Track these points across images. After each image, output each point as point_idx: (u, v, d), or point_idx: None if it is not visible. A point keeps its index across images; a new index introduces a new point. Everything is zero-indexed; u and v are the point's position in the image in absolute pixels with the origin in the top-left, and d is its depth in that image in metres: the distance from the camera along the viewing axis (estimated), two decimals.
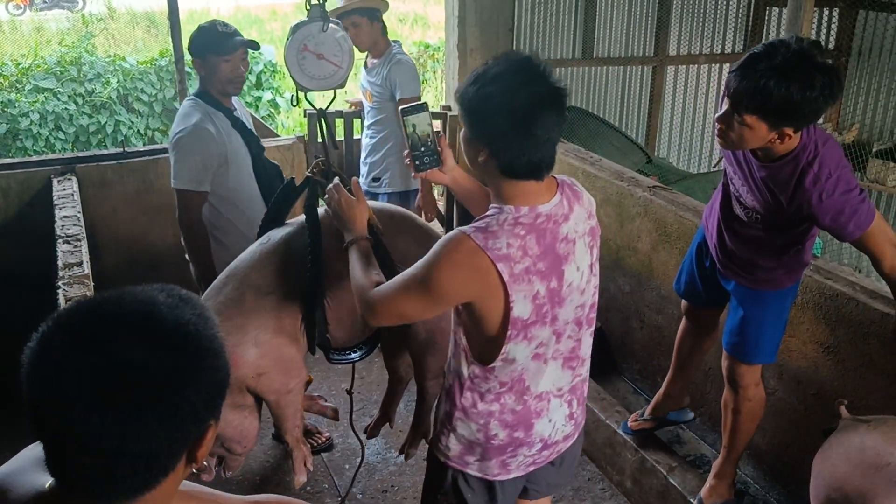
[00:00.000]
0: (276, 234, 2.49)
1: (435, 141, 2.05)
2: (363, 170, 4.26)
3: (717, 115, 2.24)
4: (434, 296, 1.74)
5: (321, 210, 2.43)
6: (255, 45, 3.06)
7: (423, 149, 2.05)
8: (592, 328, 1.96)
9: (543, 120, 1.67)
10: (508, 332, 1.74)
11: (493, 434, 1.89)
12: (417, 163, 2.05)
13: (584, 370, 1.99)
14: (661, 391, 3.15)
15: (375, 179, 4.14)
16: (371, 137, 4.15)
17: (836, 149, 2.24)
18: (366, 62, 4.07)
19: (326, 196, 2.14)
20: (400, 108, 2.10)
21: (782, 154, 2.23)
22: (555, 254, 1.75)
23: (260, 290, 2.40)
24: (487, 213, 1.76)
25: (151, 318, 0.95)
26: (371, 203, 2.41)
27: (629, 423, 3.23)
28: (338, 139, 4.69)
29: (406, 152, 2.05)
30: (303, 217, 2.52)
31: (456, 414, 1.91)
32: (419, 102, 2.14)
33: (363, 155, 4.25)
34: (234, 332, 2.38)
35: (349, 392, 2.73)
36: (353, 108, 4.69)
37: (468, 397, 1.87)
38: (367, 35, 3.91)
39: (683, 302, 2.94)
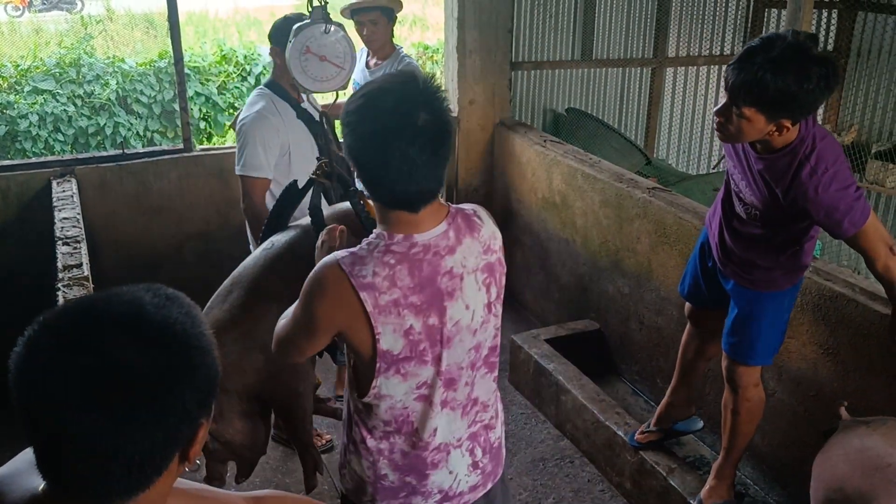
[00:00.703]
0: (280, 239, 2.48)
1: None
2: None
3: (714, 108, 2.26)
4: (309, 324, 1.68)
5: (326, 212, 2.43)
6: None
7: None
8: (494, 373, 1.84)
9: (408, 151, 1.53)
10: (378, 365, 1.65)
11: (382, 474, 1.78)
12: None
13: (488, 415, 1.86)
14: (664, 400, 3.13)
15: None
16: None
17: (834, 145, 2.25)
18: (367, 62, 4.00)
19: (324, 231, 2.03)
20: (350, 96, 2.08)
21: (780, 146, 2.24)
22: (434, 288, 1.63)
23: (266, 295, 2.38)
24: (368, 237, 1.67)
25: (140, 318, 0.95)
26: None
27: (636, 437, 3.21)
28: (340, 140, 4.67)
29: (335, 101, 2.03)
30: (305, 220, 2.52)
31: (350, 447, 1.83)
32: None
33: None
34: (242, 339, 2.36)
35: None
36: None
37: (357, 431, 1.79)
38: (384, 34, 3.86)
39: (687, 304, 2.94)
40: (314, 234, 2.37)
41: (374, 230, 1.68)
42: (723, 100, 2.23)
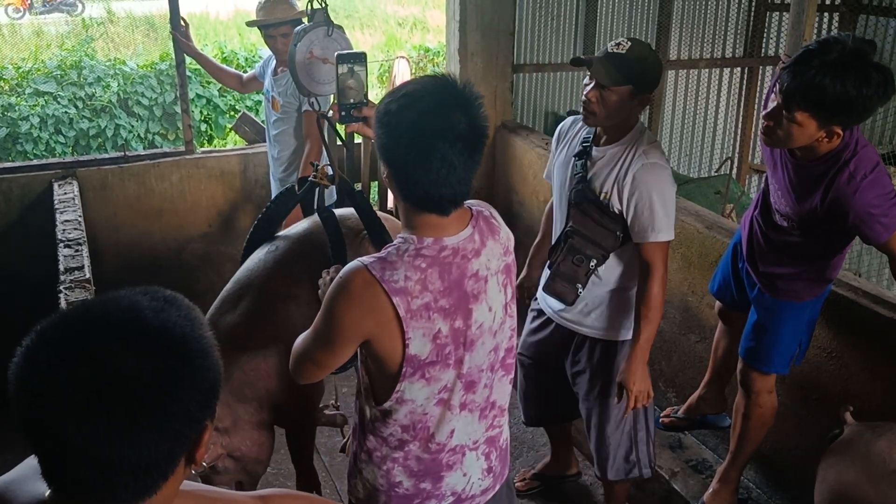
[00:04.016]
0: (282, 243, 2.42)
1: (362, 102, 2.01)
2: (274, 184, 4.13)
3: (763, 111, 2.21)
4: (334, 336, 1.64)
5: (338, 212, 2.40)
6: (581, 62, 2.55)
7: (352, 101, 2.03)
8: (510, 375, 1.83)
9: (448, 154, 1.53)
10: (403, 370, 1.63)
11: (396, 481, 1.76)
12: (343, 113, 2.03)
13: (503, 419, 1.87)
14: (696, 392, 3.12)
15: None
16: (278, 147, 4.02)
17: (873, 152, 2.22)
18: (275, 70, 3.98)
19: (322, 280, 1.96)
20: (337, 53, 2.07)
21: (824, 153, 2.20)
22: (461, 291, 1.63)
23: (281, 296, 2.32)
24: (393, 242, 1.65)
25: (138, 323, 0.94)
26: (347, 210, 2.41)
27: (661, 419, 3.20)
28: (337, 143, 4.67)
29: (332, 103, 2.03)
30: (293, 229, 2.46)
31: (361, 456, 1.80)
32: (359, 52, 2.08)
33: (271, 167, 4.13)
34: (263, 344, 2.31)
35: (336, 406, 2.73)
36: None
37: (371, 440, 1.76)
38: None
39: (717, 303, 2.93)
40: (323, 234, 2.33)
41: (399, 234, 1.66)
42: (773, 103, 2.18)
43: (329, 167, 2.42)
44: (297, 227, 2.48)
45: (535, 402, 3.02)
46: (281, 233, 2.50)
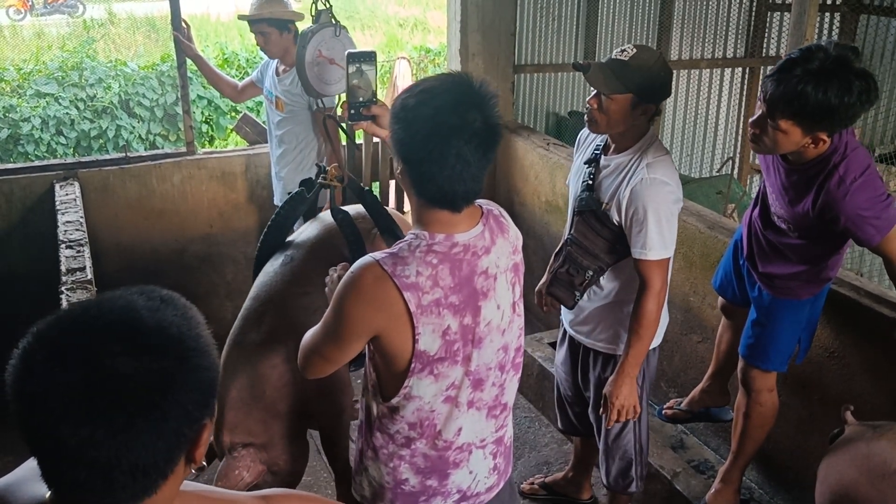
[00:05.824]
0: (297, 252, 2.40)
1: (371, 101, 2.02)
2: (277, 184, 4.10)
3: (750, 119, 2.23)
4: (343, 330, 1.64)
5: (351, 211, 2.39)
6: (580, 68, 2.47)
7: (361, 99, 2.04)
8: (518, 374, 1.84)
9: (463, 150, 1.55)
10: (412, 366, 1.63)
11: (402, 479, 1.77)
12: (353, 111, 2.03)
13: (510, 419, 1.88)
14: (699, 386, 3.13)
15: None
16: (282, 147, 3.99)
17: (864, 155, 2.23)
18: (276, 69, 3.95)
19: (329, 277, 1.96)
20: (347, 51, 2.07)
21: (812, 157, 2.22)
22: (471, 288, 1.64)
23: (303, 307, 2.31)
24: (404, 238, 1.66)
25: (134, 323, 0.93)
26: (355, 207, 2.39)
27: (664, 410, 3.21)
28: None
29: (342, 102, 2.01)
30: (305, 234, 2.46)
31: (367, 453, 1.81)
32: (369, 51, 2.09)
33: (274, 168, 4.09)
34: (292, 357, 2.24)
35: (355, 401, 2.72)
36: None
37: (378, 437, 1.77)
38: (277, 45, 3.83)
39: (720, 298, 2.94)
40: (336, 236, 2.33)
41: (410, 231, 1.67)
42: (759, 111, 2.19)
43: (336, 168, 2.42)
44: (308, 232, 2.47)
45: (564, 412, 3.03)
46: (292, 238, 2.48)
